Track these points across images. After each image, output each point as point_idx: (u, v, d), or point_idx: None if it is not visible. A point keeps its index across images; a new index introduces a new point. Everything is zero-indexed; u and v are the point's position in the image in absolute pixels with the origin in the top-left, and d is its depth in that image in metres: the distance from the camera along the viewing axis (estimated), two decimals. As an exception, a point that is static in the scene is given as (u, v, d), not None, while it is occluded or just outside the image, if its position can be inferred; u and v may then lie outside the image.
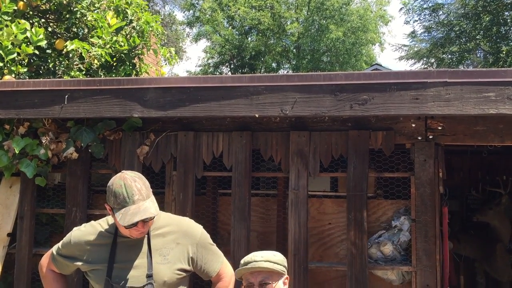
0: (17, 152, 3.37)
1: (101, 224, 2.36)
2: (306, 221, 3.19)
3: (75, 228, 2.42)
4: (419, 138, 3.11)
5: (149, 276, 2.19)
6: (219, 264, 2.40)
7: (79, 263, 2.32)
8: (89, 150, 3.46)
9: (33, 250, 3.52)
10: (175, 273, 2.25)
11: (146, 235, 2.27)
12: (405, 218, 3.24)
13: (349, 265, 3.11)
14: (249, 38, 24.32)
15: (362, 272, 3.08)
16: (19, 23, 4.28)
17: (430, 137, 3.10)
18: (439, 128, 3.09)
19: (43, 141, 3.39)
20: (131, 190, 2.13)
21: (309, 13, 23.39)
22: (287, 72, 24.33)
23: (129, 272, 2.20)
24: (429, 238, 3.04)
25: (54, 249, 2.45)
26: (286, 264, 2.25)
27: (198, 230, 2.38)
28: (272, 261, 2.18)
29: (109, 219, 2.36)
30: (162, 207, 3.20)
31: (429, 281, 3.01)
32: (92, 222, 2.41)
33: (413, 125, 3.12)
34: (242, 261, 2.24)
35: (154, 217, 2.20)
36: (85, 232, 2.33)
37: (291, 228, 3.20)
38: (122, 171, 2.23)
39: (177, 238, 2.30)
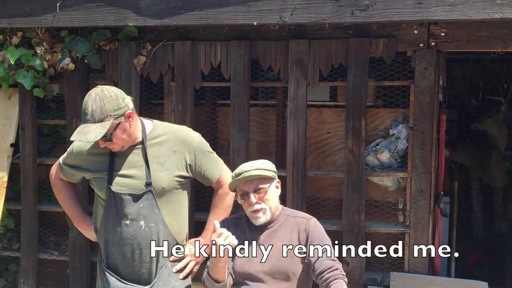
0: (12, 62, 3.32)
1: None
2: (304, 131, 3.22)
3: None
4: (421, 45, 3.05)
5: (148, 184, 2.27)
6: (219, 171, 2.47)
7: (83, 172, 2.39)
8: (86, 61, 3.41)
9: (37, 160, 3.60)
10: (174, 180, 2.32)
11: (142, 145, 2.31)
12: (403, 126, 3.26)
13: (346, 172, 3.19)
14: None
15: (359, 179, 3.16)
16: None
17: (432, 44, 3.04)
18: (442, 34, 3.02)
19: (38, 51, 3.33)
20: (86, 108, 2.17)
21: None
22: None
23: (128, 180, 2.28)
24: (426, 145, 3.08)
25: (61, 159, 2.52)
26: (275, 170, 2.33)
27: (195, 137, 2.42)
28: (261, 168, 2.25)
29: None
30: (161, 118, 3.23)
31: (423, 186, 3.10)
32: None
33: (416, 32, 3.04)
34: (233, 174, 2.30)
35: (112, 135, 2.21)
36: (85, 142, 2.38)
37: (289, 137, 3.24)
38: (99, 86, 2.25)
39: (173, 146, 2.34)
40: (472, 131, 5.47)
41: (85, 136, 2.15)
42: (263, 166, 2.27)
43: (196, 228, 3.18)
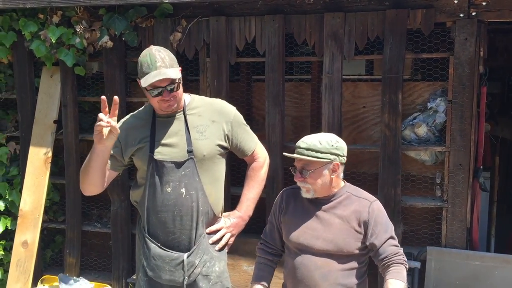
0: (53, 41, 3.42)
1: (140, 110, 2.49)
2: (340, 105, 3.20)
3: (121, 120, 2.52)
4: (461, 15, 2.95)
5: (190, 151, 2.33)
6: (253, 144, 2.51)
7: (128, 148, 2.41)
8: (123, 39, 3.48)
9: (79, 136, 3.72)
10: (214, 148, 2.38)
11: (182, 114, 2.36)
12: (441, 99, 3.19)
13: (382, 146, 3.16)
14: None
15: (395, 153, 3.13)
16: None
17: (473, 13, 2.94)
18: (484, 3, 2.91)
19: (77, 30, 3.42)
20: (154, 57, 2.23)
21: None
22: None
23: (169, 148, 2.35)
24: (465, 118, 3.01)
25: None
26: (336, 151, 2.20)
27: (231, 109, 2.48)
28: (314, 150, 2.17)
29: (147, 105, 2.45)
30: (197, 94, 3.27)
31: (462, 161, 3.04)
32: (133, 112, 2.52)
33: (455, 1, 2.94)
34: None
35: (178, 85, 2.27)
36: (129, 119, 2.47)
37: (325, 112, 3.22)
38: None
39: (212, 116, 2.40)
40: (515, 104, 5.28)
41: (166, 74, 2.21)
42: (317, 147, 2.17)
43: (232, 202, 3.24)
